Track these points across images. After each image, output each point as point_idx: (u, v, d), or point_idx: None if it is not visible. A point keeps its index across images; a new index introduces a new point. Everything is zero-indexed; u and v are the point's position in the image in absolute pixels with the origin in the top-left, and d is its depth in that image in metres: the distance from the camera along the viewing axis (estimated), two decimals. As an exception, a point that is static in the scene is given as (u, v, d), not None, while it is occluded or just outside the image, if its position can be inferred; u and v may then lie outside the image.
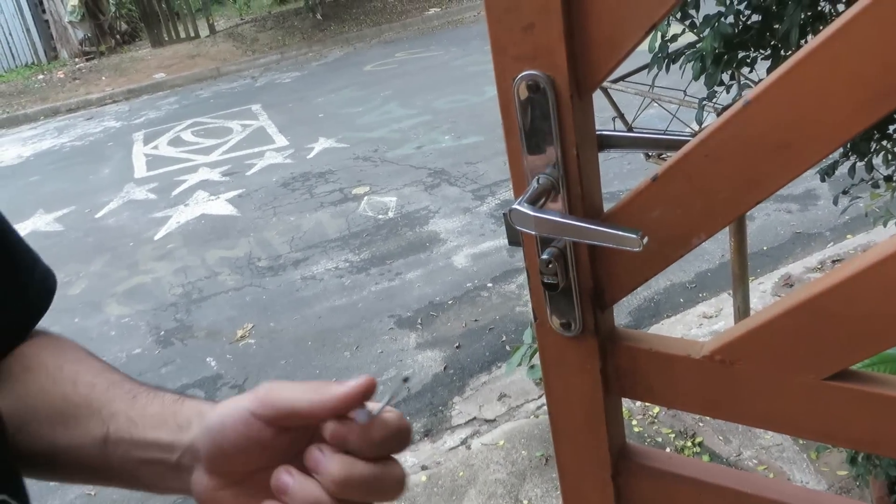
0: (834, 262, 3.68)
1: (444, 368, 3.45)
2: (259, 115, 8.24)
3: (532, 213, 0.51)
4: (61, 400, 0.56)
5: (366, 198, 5.48)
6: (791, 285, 3.53)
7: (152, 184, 6.49)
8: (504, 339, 3.59)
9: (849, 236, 3.94)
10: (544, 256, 0.56)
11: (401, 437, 0.50)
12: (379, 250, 4.66)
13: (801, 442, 2.64)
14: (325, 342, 3.78)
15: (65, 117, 9.82)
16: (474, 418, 3.13)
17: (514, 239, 0.59)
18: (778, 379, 0.53)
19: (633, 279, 0.56)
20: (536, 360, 2.41)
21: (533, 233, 0.51)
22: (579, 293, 0.58)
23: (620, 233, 0.49)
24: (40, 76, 11.88)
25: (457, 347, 3.58)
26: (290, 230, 5.14)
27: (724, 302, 3.48)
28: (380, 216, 5.14)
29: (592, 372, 0.60)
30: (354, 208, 5.33)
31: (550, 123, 0.53)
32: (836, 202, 2.38)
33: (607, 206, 0.58)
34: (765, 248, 3.98)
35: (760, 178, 0.53)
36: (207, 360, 3.78)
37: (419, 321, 3.84)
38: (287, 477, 0.49)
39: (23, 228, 5.91)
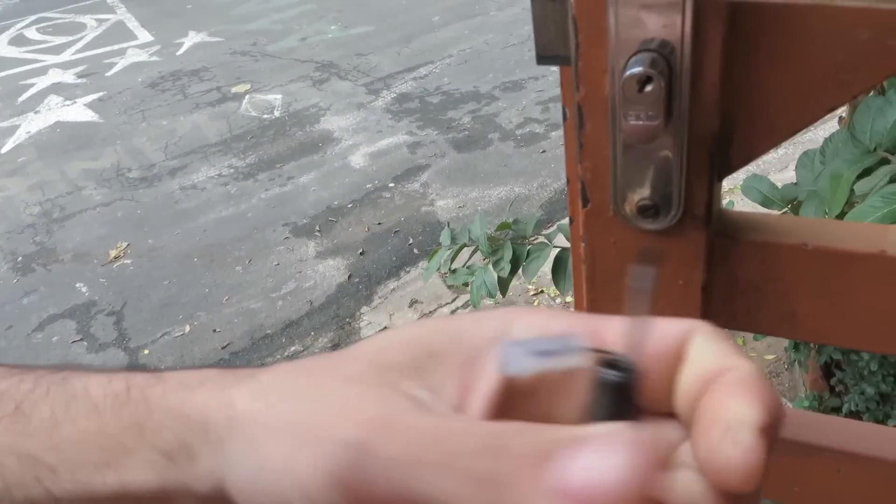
0: None
1: (349, 277, 3.18)
2: (116, 7, 7.31)
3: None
4: None
5: (247, 96, 4.96)
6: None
7: (-6, 89, 5.65)
8: (411, 241, 3.34)
9: None
10: (635, 70, 0.27)
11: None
12: (266, 153, 4.23)
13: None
14: (214, 257, 3.40)
15: None
16: (385, 328, 2.90)
17: (552, 47, 0.30)
18: None
19: (805, 109, 0.29)
20: (457, 264, 2.17)
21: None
22: (688, 144, 0.30)
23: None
24: None
25: (360, 254, 3.30)
26: (164, 136, 4.60)
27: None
28: (264, 116, 4.66)
29: (689, 291, 0.34)
30: (235, 108, 4.82)
31: None
32: None
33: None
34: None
35: None
36: (77, 285, 3.33)
37: (317, 228, 3.52)
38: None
39: None
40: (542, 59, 0.32)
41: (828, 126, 3.08)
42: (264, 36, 6.01)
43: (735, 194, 3.00)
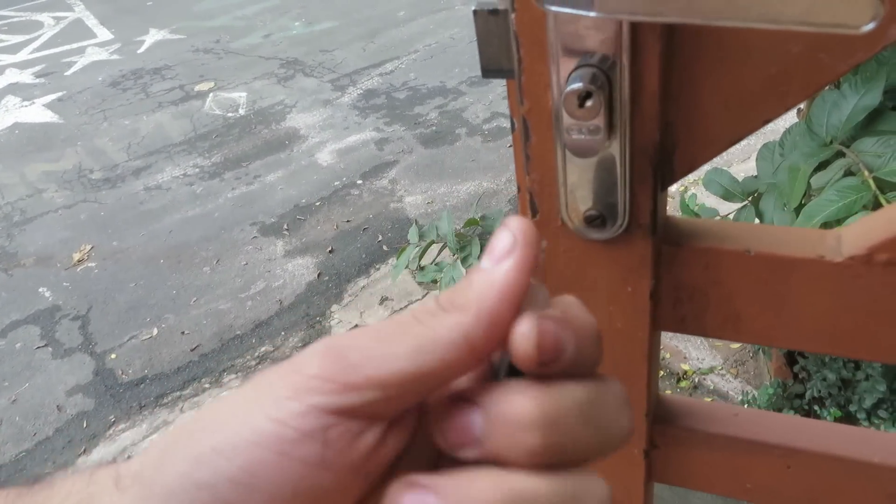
0: None
1: (318, 276, 3.16)
2: (74, 5, 7.17)
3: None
4: None
5: (211, 94, 4.89)
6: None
7: (-52, 90, 5.51)
8: (380, 238, 3.33)
9: None
10: (575, 85, 0.28)
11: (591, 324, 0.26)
12: (232, 152, 4.18)
13: (692, 319, 2.61)
14: (181, 258, 3.36)
15: None
16: (356, 326, 2.89)
17: (496, 61, 0.30)
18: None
19: (742, 120, 0.30)
20: (426, 260, 2.17)
21: (623, 17, 0.22)
22: (631, 156, 0.31)
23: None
24: None
25: (330, 252, 3.28)
26: (126, 135, 4.52)
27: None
28: (229, 114, 4.61)
29: (637, 298, 0.35)
30: (199, 107, 4.75)
31: None
32: None
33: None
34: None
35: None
36: (40, 290, 3.26)
37: (285, 227, 3.49)
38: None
39: None
40: (487, 72, 0.32)
41: (788, 117, 3.13)
42: (227, 33, 5.93)
43: (698, 187, 3.04)
